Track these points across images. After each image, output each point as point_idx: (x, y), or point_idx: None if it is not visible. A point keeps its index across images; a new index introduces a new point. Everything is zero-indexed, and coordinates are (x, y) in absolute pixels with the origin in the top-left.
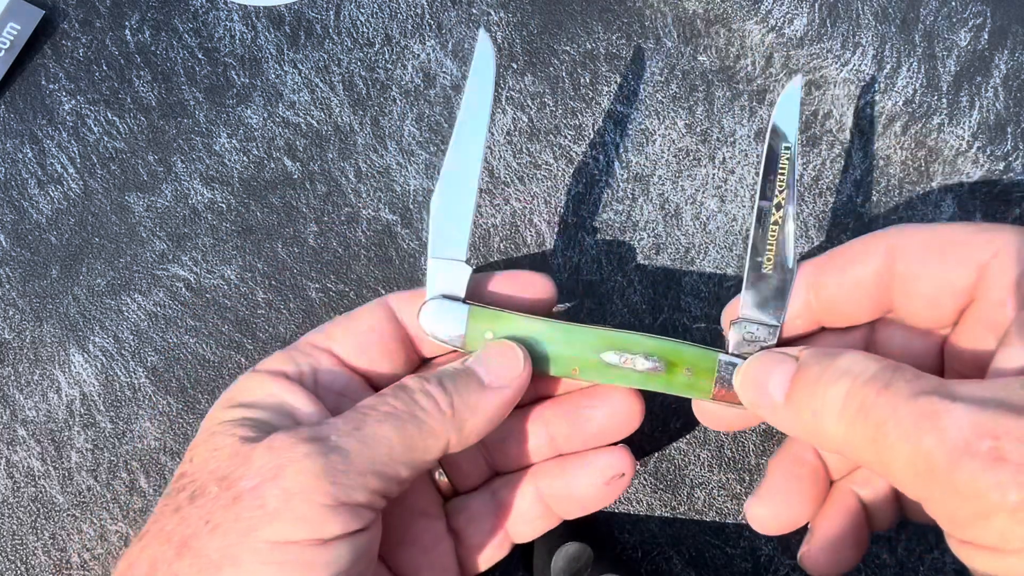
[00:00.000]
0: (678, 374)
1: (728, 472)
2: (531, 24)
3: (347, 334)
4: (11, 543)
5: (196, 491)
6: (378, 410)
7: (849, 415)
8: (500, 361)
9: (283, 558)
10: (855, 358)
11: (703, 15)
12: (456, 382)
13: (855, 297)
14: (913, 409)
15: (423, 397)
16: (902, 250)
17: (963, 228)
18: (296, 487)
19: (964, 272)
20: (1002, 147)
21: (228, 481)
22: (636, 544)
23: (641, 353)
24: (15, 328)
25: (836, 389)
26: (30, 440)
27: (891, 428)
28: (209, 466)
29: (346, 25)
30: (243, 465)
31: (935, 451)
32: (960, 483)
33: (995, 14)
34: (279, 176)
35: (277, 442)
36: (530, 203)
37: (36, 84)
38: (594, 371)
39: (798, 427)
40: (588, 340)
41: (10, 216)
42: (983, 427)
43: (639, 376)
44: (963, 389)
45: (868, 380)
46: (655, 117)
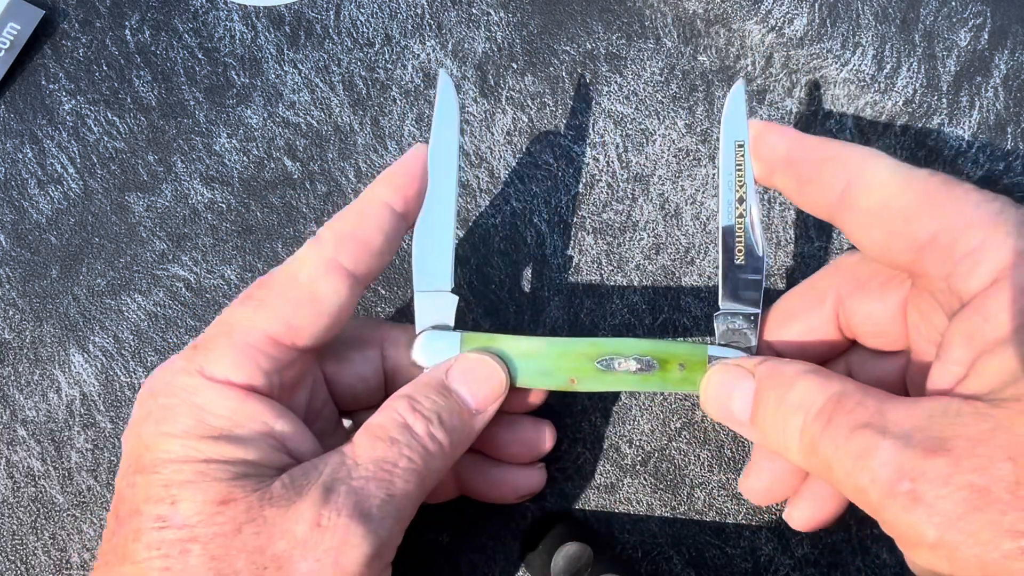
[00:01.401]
0: (672, 371)
1: (728, 472)
2: (531, 24)
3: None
4: (11, 543)
5: (223, 566)
6: (400, 467)
7: (804, 450)
8: (485, 385)
9: None
10: (807, 388)
11: (703, 15)
12: (451, 416)
13: (813, 203)
14: (850, 448)
15: (432, 443)
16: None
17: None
18: (355, 571)
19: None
20: (1002, 147)
21: (272, 559)
22: (636, 544)
23: (634, 355)
24: (15, 328)
25: (792, 424)
26: (30, 440)
27: (835, 465)
28: (219, 527)
29: (346, 25)
30: (282, 539)
31: (869, 490)
32: (888, 521)
33: (995, 14)
34: (279, 176)
35: (324, 518)
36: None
37: (36, 84)
38: (591, 379)
39: (767, 446)
40: (582, 351)
41: (10, 216)
42: (903, 468)
43: (636, 378)
44: (895, 416)
45: (815, 416)
46: (655, 117)
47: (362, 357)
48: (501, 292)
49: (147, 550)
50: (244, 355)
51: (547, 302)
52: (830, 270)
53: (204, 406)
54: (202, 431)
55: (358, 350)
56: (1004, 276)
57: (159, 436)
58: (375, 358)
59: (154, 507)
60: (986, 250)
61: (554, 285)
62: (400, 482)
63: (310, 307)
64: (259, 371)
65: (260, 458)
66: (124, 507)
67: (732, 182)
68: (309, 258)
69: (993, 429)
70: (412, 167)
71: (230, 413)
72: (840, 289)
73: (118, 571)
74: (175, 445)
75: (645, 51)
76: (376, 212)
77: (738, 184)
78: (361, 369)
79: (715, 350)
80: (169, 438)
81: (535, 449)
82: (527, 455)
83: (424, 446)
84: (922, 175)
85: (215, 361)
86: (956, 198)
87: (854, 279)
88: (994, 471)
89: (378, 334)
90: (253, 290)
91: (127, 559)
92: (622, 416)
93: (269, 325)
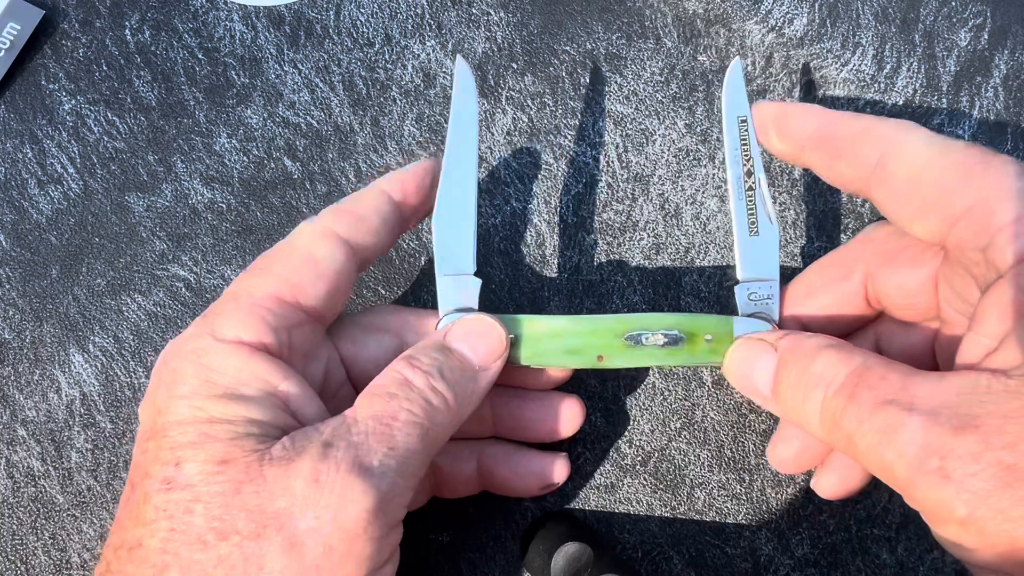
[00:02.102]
0: (699, 343)
1: (728, 472)
2: (531, 24)
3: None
4: (11, 543)
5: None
6: (400, 420)
7: (826, 424)
8: (485, 342)
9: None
10: (828, 362)
11: (703, 15)
12: (453, 372)
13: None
14: (874, 424)
15: (435, 396)
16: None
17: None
18: (357, 527)
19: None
20: (1002, 147)
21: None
22: (636, 544)
23: (661, 329)
24: (15, 328)
25: (814, 397)
26: (30, 440)
27: (859, 440)
28: (220, 487)
29: (346, 25)
30: (282, 497)
31: (895, 465)
32: (917, 497)
33: (995, 14)
34: (279, 176)
35: (323, 474)
36: (530, 203)
37: (36, 84)
38: (619, 355)
39: (788, 419)
40: (609, 327)
41: (10, 216)
42: (932, 446)
43: (664, 352)
44: (922, 392)
45: (837, 390)
46: (655, 117)
47: (377, 342)
48: (501, 292)
49: (155, 512)
50: (251, 314)
51: (547, 302)
52: (858, 242)
53: (210, 365)
54: (207, 390)
55: (374, 335)
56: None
57: (169, 400)
58: (391, 344)
59: (161, 470)
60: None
61: (554, 285)
62: (401, 435)
63: (309, 268)
64: (266, 327)
65: (263, 417)
66: (137, 472)
67: (739, 157)
68: (306, 229)
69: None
70: (416, 171)
71: (235, 372)
72: (869, 261)
73: (132, 533)
74: (182, 406)
75: (645, 51)
76: (373, 195)
77: (744, 158)
78: (376, 354)
79: (741, 321)
80: (177, 400)
81: (567, 423)
82: (558, 430)
83: (426, 399)
84: (959, 146)
85: (223, 324)
86: (993, 169)
87: (884, 251)
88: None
89: (396, 320)
90: (255, 263)
91: (139, 522)
92: (622, 416)
93: (272, 286)
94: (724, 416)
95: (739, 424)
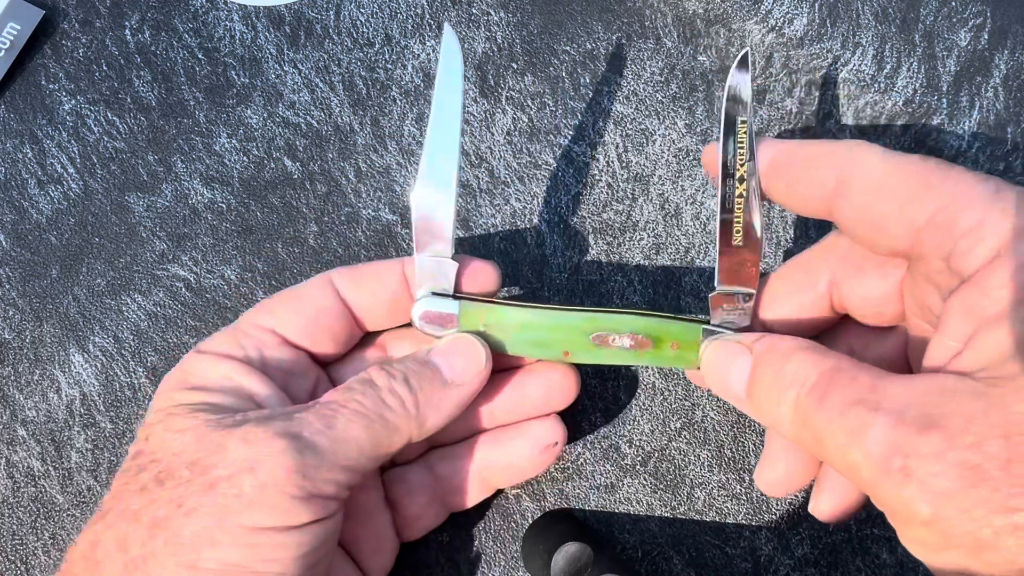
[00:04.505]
0: (665, 348)
1: (728, 472)
2: (531, 24)
3: (289, 314)
4: (11, 543)
5: (162, 473)
6: (348, 408)
7: (797, 425)
8: (463, 359)
9: (257, 541)
10: (801, 363)
11: (703, 15)
12: (421, 380)
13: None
14: (844, 423)
15: (390, 396)
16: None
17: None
18: (271, 480)
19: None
20: (1002, 147)
21: (200, 467)
22: (636, 544)
23: (628, 332)
24: (15, 328)
25: (786, 398)
26: (30, 440)
27: (827, 440)
28: (172, 448)
29: (346, 25)
30: (216, 453)
31: (861, 466)
32: (881, 497)
33: (995, 14)
34: (279, 176)
35: (252, 435)
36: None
37: (36, 84)
38: (585, 352)
39: (763, 421)
40: (577, 324)
41: (10, 216)
42: (895, 445)
43: (629, 353)
44: (889, 393)
45: (809, 391)
46: (655, 117)
47: (360, 360)
48: (501, 292)
49: (122, 476)
50: (230, 335)
51: (547, 302)
52: (821, 250)
53: (187, 369)
54: (179, 386)
55: (358, 348)
56: (1004, 252)
57: (155, 400)
58: (378, 358)
59: (134, 447)
60: (986, 227)
61: (554, 285)
62: (342, 420)
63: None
64: (239, 345)
65: (223, 402)
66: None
67: (735, 160)
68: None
69: (987, 407)
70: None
71: (203, 371)
72: (834, 270)
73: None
74: (160, 400)
75: (645, 51)
76: (390, 269)
77: (739, 161)
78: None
79: (708, 328)
80: (157, 397)
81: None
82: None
83: (381, 397)
84: (914, 159)
85: (207, 342)
86: (952, 179)
87: (848, 260)
88: (987, 448)
89: (381, 333)
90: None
91: (112, 494)
92: (622, 416)
93: (257, 316)
94: (724, 416)
95: (739, 424)
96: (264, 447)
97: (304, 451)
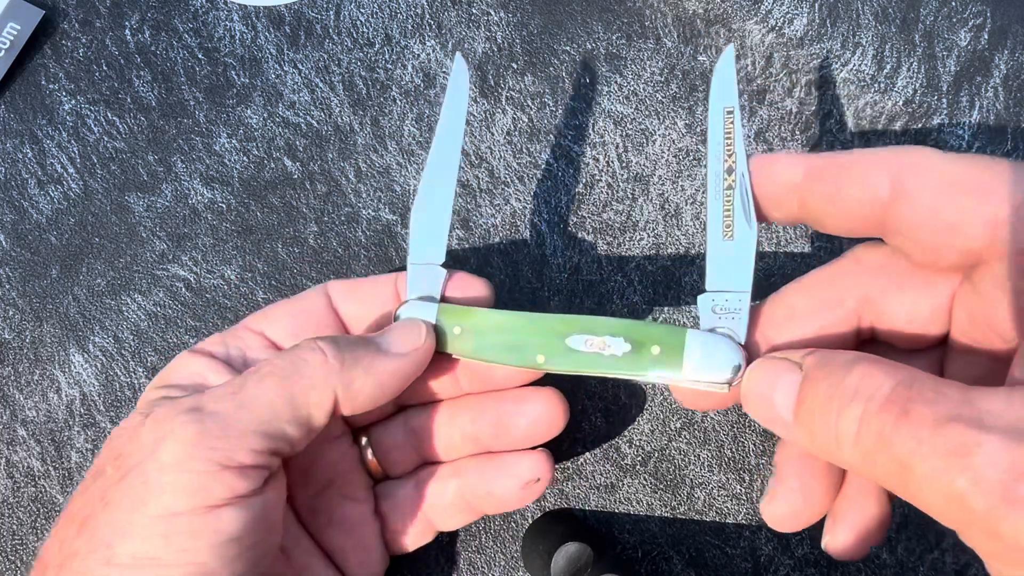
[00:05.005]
0: (646, 354)
1: (728, 472)
2: (531, 24)
3: (282, 319)
4: (11, 543)
5: (97, 471)
6: (261, 370)
7: (867, 445)
8: (402, 332)
9: (169, 529)
10: (866, 373)
11: (703, 15)
12: (352, 343)
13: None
14: (940, 443)
15: (310, 352)
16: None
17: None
18: (172, 458)
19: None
20: (1002, 147)
21: (120, 459)
22: (636, 544)
23: (607, 334)
24: (15, 328)
25: (849, 414)
26: (30, 440)
27: (917, 463)
28: (112, 445)
29: (346, 25)
30: (132, 442)
31: (970, 494)
32: (999, 531)
33: (995, 14)
34: (279, 176)
35: (159, 415)
36: (530, 203)
37: (36, 84)
38: (561, 358)
39: (812, 448)
40: (552, 326)
41: (10, 216)
42: (1018, 468)
43: (608, 361)
44: (990, 408)
45: (883, 403)
46: (655, 117)
47: None
48: (501, 292)
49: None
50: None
51: (547, 302)
52: (849, 264)
53: (171, 367)
54: (158, 383)
55: None
56: None
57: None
58: None
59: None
60: None
61: (554, 285)
62: (252, 382)
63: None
64: (223, 345)
65: (178, 395)
66: None
67: (721, 152)
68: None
69: None
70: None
71: (177, 368)
72: (867, 286)
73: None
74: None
75: (645, 51)
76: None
77: (727, 153)
78: None
79: (696, 335)
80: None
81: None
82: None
83: (299, 355)
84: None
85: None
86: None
87: (886, 274)
88: None
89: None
90: None
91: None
92: (622, 416)
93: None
94: (724, 416)
95: (739, 424)
96: (167, 424)
97: (206, 420)
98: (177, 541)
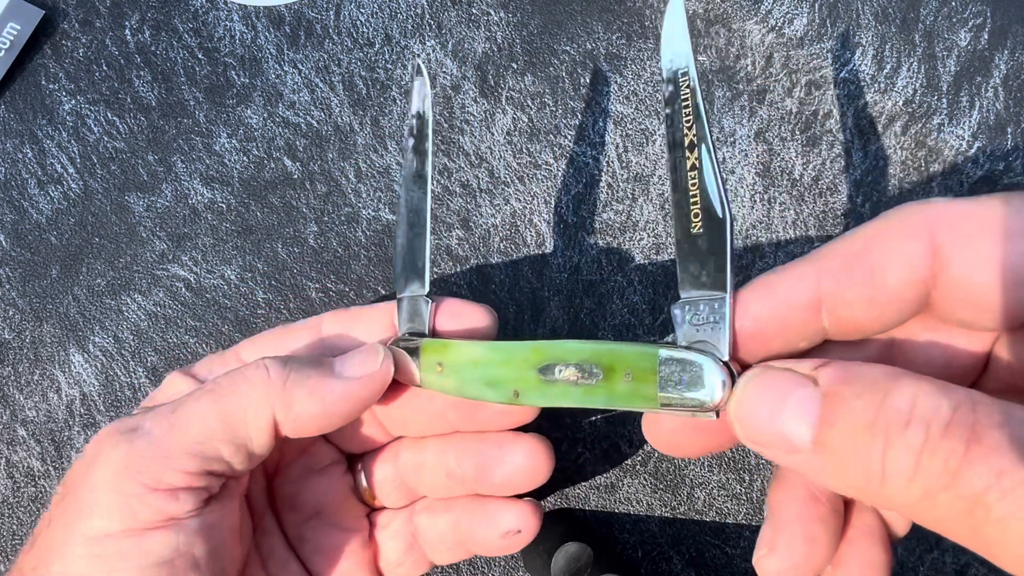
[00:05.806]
0: (618, 381)
1: (728, 472)
2: (531, 24)
3: (270, 349)
4: (11, 543)
5: (54, 495)
6: (203, 389)
7: (929, 481)
8: (357, 356)
9: (98, 551)
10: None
11: (703, 15)
12: (303, 363)
13: (891, 309)
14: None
15: (254, 369)
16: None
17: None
18: (102, 480)
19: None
20: (1002, 147)
21: (66, 478)
22: (636, 544)
23: (575, 362)
24: (15, 328)
25: (903, 443)
26: (30, 440)
27: (996, 501)
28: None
29: (346, 25)
30: (78, 462)
31: None
32: None
33: (995, 14)
34: (279, 176)
35: (100, 435)
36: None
37: (36, 84)
38: (535, 391)
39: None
40: (523, 356)
41: (10, 216)
42: None
43: (579, 392)
44: None
45: (947, 429)
46: (655, 117)
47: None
48: (501, 292)
49: None
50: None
51: (547, 302)
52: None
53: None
54: (144, 402)
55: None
56: None
57: None
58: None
59: None
60: None
61: (554, 285)
62: (189, 401)
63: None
64: (208, 369)
65: None
66: None
67: (680, 124)
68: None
69: None
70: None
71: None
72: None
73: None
74: None
75: (645, 51)
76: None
77: (686, 125)
78: None
79: (667, 352)
80: None
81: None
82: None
83: (241, 373)
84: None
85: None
86: None
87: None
88: None
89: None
90: None
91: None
92: (622, 416)
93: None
94: None
95: None
96: (100, 446)
97: (136, 440)
98: (106, 563)
